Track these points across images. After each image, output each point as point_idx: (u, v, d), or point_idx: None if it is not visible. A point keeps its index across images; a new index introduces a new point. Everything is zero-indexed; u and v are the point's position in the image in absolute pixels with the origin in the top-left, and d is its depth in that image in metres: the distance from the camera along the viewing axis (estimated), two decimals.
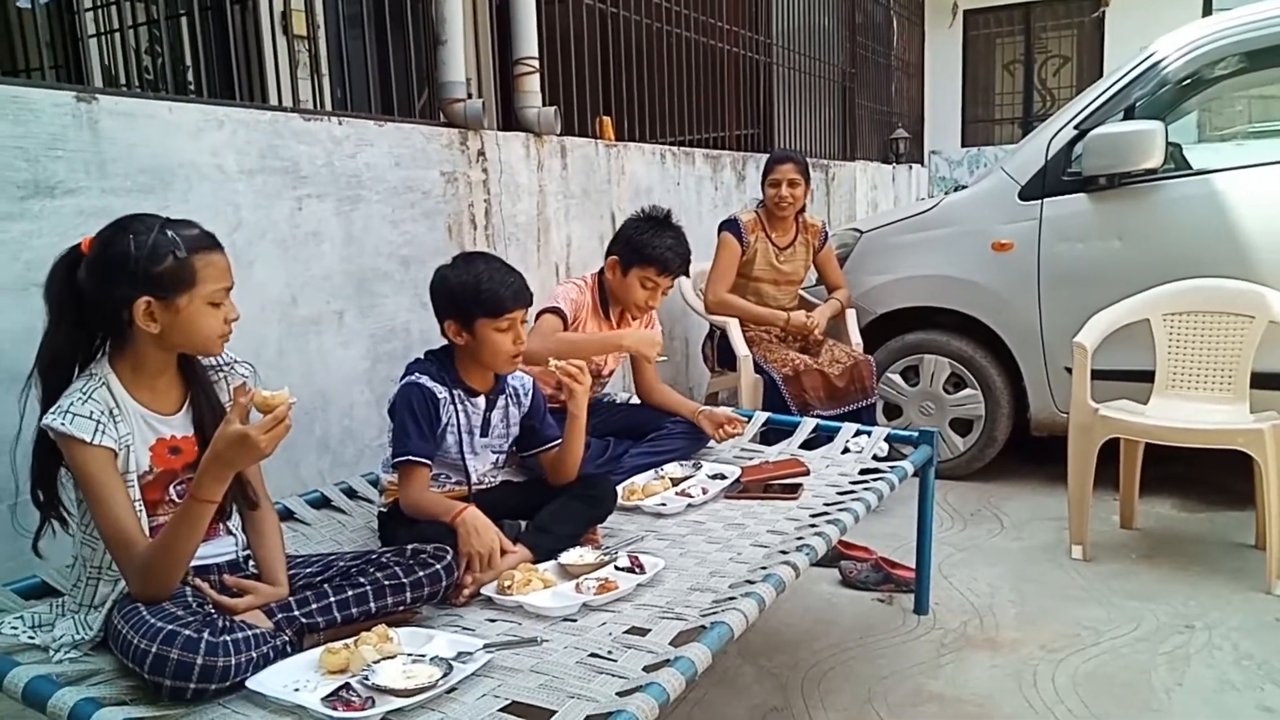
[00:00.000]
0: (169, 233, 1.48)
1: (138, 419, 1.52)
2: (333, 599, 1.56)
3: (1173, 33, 3.29)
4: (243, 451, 1.37)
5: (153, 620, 1.36)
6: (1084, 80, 8.84)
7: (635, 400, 2.83)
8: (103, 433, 1.45)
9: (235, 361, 1.69)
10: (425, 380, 1.95)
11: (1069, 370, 2.90)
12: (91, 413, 1.45)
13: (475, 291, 1.91)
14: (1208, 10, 8.03)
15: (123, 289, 1.46)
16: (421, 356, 2.04)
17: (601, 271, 2.67)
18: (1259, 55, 3.27)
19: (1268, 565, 2.55)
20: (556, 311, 2.51)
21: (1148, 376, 2.94)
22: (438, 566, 1.65)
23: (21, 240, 1.81)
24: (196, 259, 1.48)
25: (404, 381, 1.96)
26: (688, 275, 2.67)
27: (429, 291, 2.01)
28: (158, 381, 1.56)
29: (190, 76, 3.51)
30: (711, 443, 2.71)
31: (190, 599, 1.49)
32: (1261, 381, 2.80)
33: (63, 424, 1.43)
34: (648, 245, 2.54)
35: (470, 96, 2.99)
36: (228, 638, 1.35)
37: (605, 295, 2.65)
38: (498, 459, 2.09)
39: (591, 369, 2.56)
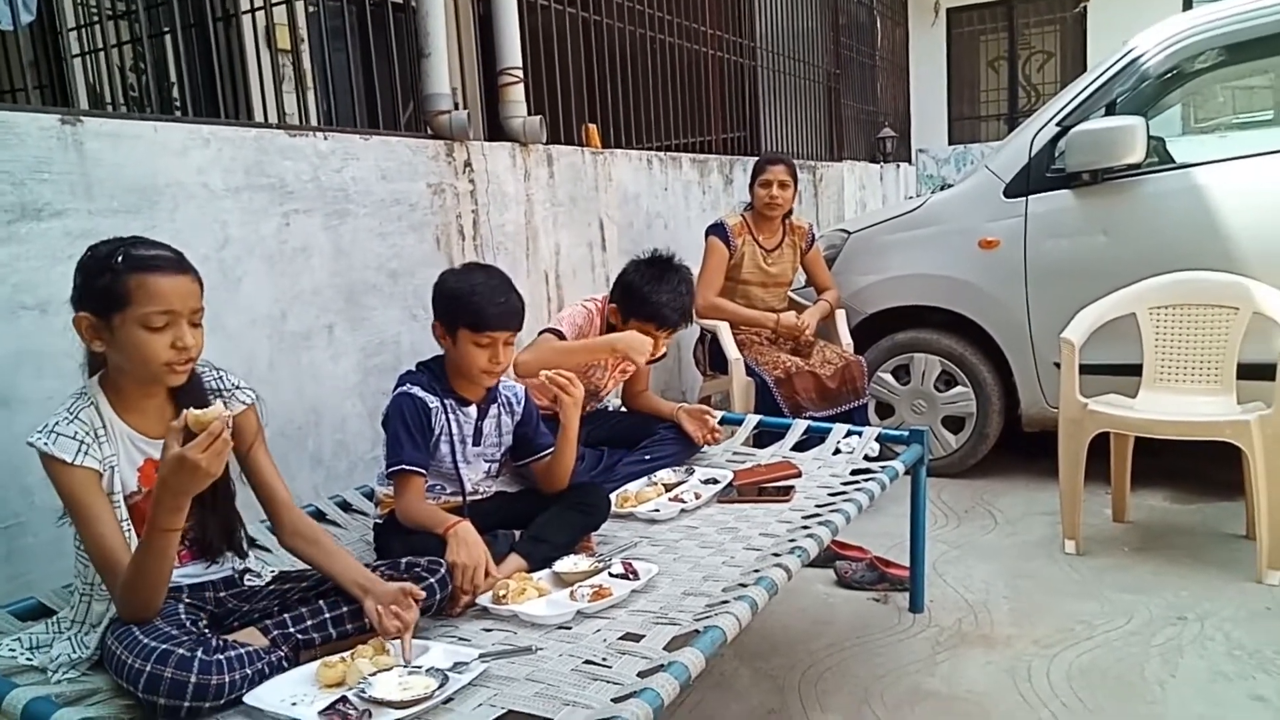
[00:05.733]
0: (121, 251, 1.45)
1: (124, 440, 1.52)
2: (327, 615, 1.56)
3: (1152, 27, 3.32)
4: (184, 474, 1.32)
5: (146, 640, 1.36)
6: (1068, 75, 8.89)
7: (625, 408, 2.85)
8: (85, 453, 1.44)
9: (237, 388, 1.68)
10: (416, 390, 1.96)
11: (1058, 366, 2.92)
12: (75, 433, 1.45)
13: (465, 300, 1.94)
14: (1188, 4, 8.08)
15: (75, 302, 1.47)
16: (413, 368, 2.06)
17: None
18: (1239, 48, 3.29)
19: (1258, 555, 2.57)
20: (556, 333, 2.52)
21: (1136, 370, 2.97)
22: (432, 580, 1.65)
23: (9, 264, 1.81)
24: (132, 278, 1.43)
25: (396, 392, 1.98)
26: (689, 326, 2.63)
27: (432, 289, 2.04)
28: (146, 403, 1.54)
29: (175, 93, 3.52)
30: (704, 447, 2.73)
31: (183, 616, 1.49)
32: (1248, 372, 2.81)
33: (46, 444, 1.43)
34: (647, 299, 2.49)
35: (455, 108, 3.00)
36: (221, 656, 1.35)
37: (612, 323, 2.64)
38: (490, 468, 2.10)
39: (589, 388, 2.58)
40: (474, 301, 1.93)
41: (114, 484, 1.49)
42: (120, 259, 1.44)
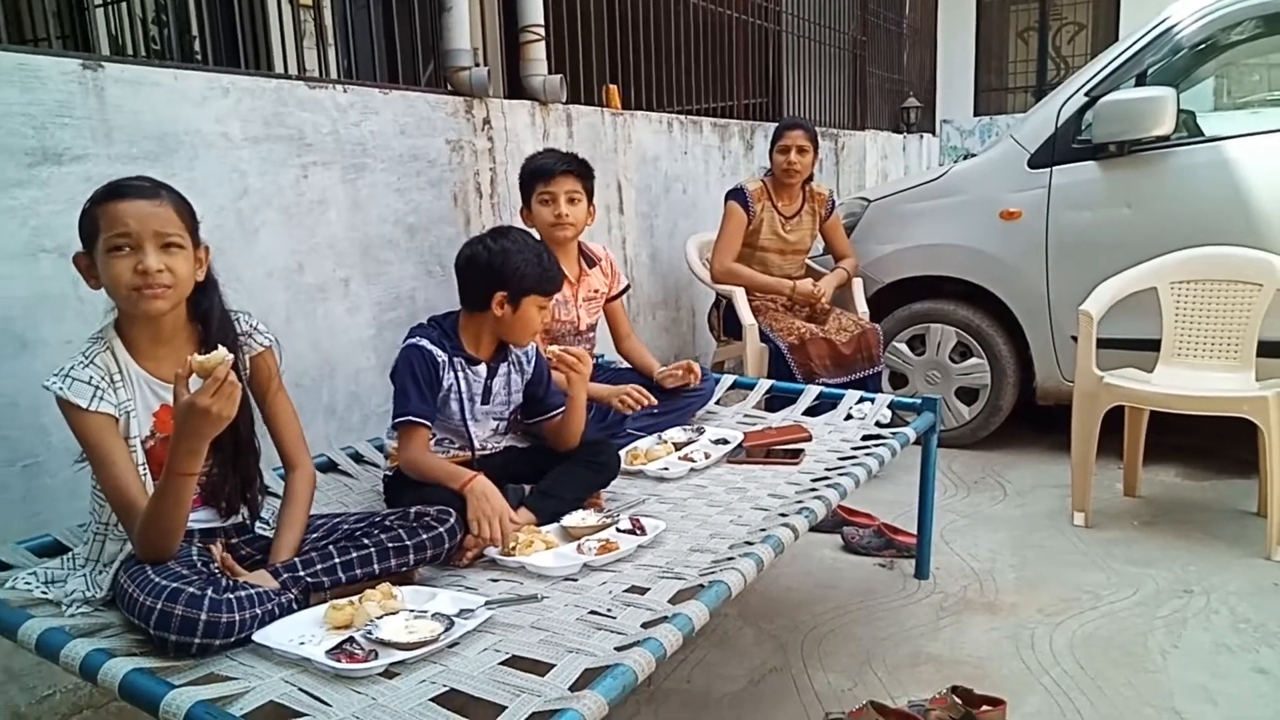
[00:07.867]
0: (103, 187, 1.48)
1: (140, 384, 1.53)
2: (337, 560, 1.59)
3: None
4: (196, 419, 1.33)
5: (157, 579, 1.38)
6: (1099, 48, 8.69)
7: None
8: (100, 398, 1.46)
9: (255, 330, 1.68)
10: (426, 343, 1.97)
11: (1075, 339, 2.90)
12: (91, 378, 1.46)
13: (538, 268, 1.98)
14: None
15: None
16: (424, 322, 2.06)
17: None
18: (1276, 20, 3.22)
19: (1268, 531, 2.56)
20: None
21: (1154, 345, 2.94)
22: (440, 529, 1.67)
23: (30, 207, 1.83)
24: (98, 208, 1.46)
25: (405, 344, 1.99)
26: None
27: (465, 262, 2.02)
28: (160, 348, 1.55)
29: (196, 46, 3.52)
30: (715, 407, 2.74)
31: (195, 558, 1.51)
32: (1269, 349, 2.79)
33: (61, 388, 1.45)
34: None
35: (476, 65, 2.98)
36: (231, 595, 1.37)
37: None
38: (499, 425, 2.11)
39: (567, 328, 2.61)
40: (548, 268, 2.01)
41: (130, 429, 1.50)
42: (94, 195, 1.47)
